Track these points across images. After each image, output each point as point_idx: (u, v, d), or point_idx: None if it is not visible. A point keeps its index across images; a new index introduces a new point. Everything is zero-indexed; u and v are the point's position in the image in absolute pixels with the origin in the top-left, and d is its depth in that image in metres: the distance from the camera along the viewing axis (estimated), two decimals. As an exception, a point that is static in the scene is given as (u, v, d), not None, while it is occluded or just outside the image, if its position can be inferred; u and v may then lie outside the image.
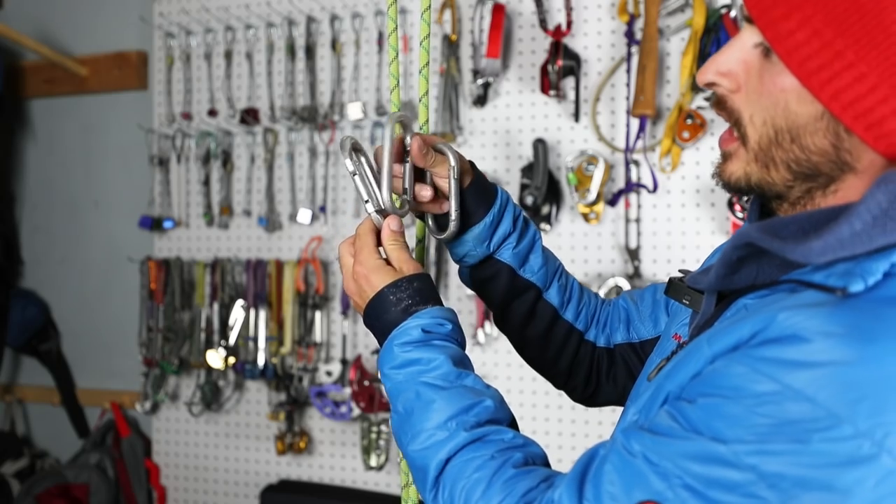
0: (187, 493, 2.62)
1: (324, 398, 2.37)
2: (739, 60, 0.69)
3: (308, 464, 2.47)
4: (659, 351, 0.88)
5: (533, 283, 1.01)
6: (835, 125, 0.65)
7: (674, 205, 2.06)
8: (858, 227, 0.59)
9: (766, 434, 0.58)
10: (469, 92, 2.23)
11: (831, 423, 0.56)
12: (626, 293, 1.10)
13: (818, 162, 0.67)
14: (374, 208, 0.90)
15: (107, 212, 2.82)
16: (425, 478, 0.77)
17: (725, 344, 0.64)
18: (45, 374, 2.88)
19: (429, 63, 0.96)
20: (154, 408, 2.61)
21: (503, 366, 2.18)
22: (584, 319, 1.06)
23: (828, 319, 0.59)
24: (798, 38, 0.63)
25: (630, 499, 0.63)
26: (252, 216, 2.51)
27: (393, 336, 0.83)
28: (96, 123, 2.83)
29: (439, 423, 0.77)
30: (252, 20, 2.49)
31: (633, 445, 0.65)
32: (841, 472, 0.55)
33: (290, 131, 2.45)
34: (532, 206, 2.11)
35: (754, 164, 0.70)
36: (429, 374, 0.81)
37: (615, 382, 1.07)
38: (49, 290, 2.92)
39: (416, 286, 0.86)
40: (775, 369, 0.58)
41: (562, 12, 2.13)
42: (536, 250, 1.01)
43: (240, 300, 2.44)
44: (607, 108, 2.13)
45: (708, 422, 0.61)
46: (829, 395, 0.56)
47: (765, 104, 0.68)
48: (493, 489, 0.71)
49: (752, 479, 0.58)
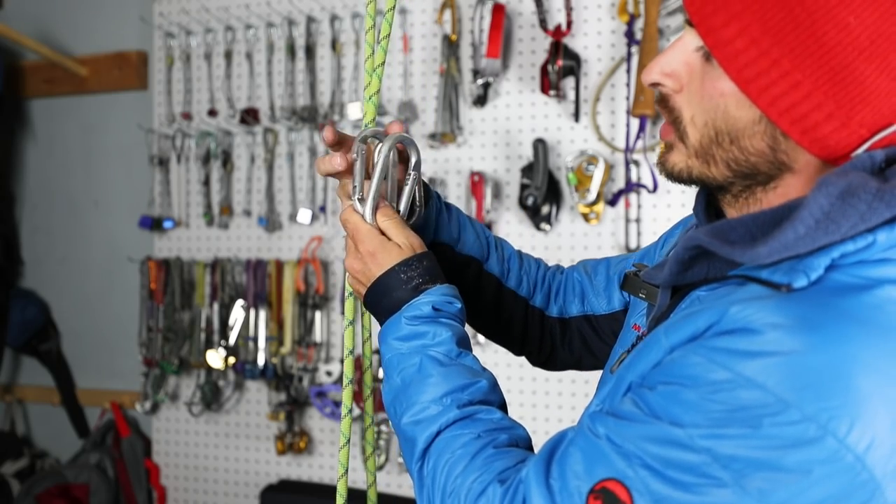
0: (187, 493, 2.62)
1: (324, 398, 2.37)
2: (682, 62, 0.72)
3: (308, 464, 2.47)
4: (621, 342, 0.92)
5: (472, 256, 1.03)
6: (772, 129, 0.68)
7: (674, 205, 2.06)
8: (802, 232, 0.63)
9: (720, 419, 0.61)
10: (469, 92, 2.23)
11: (780, 409, 0.60)
12: (581, 264, 1.12)
13: (756, 162, 0.71)
14: (358, 197, 0.91)
15: (107, 212, 2.82)
16: (413, 449, 0.80)
17: (682, 335, 0.67)
18: (45, 374, 2.88)
19: (384, 63, 0.96)
20: (154, 408, 2.61)
21: (503, 366, 2.18)
22: (526, 286, 1.08)
23: (775, 311, 0.63)
24: (737, 45, 0.66)
25: (593, 477, 0.66)
26: (252, 216, 2.51)
27: (403, 310, 0.85)
28: (96, 123, 2.83)
29: (435, 397, 0.80)
30: (252, 20, 2.49)
31: (598, 428, 0.69)
32: (788, 453, 0.60)
33: (290, 131, 2.45)
34: (532, 206, 2.11)
35: (695, 159, 0.74)
36: (433, 349, 0.83)
37: (570, 350, 1.10)
38: (49, 290, 2.92)
39: (426, 264, 0.88)
40: (728, 359, 0.62)
41: (562, 12, 2.13)
42: (465, 225, 1.04)
43: (240, 300, 2.44)
44: (607, 108, 2.13)
45: (667, 407, 0.64)
46: (777, 383, 0.60)
47: (706, 107, 0.71)
48: (473, 466, 0.75)
49: (706, 460, 0.62)
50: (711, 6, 0.67)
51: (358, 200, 0.91)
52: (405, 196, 0.93)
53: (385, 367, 0.86)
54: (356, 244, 0.90)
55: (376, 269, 0.88)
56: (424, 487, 0.78)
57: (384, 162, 0.89)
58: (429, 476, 0.78)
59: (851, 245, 0.64)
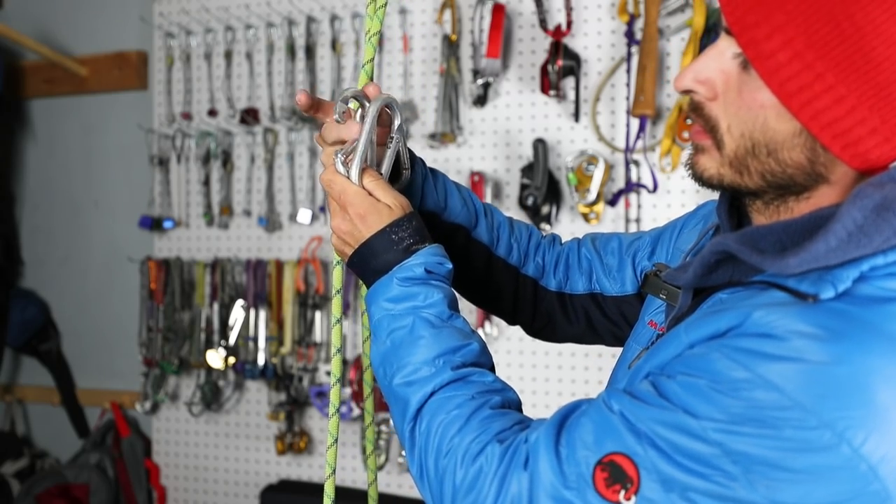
0: (187, 493, 2.62)
1: (324, 398, 2.37)
2: (718, 70, 0.71)
3: (308, 464, 2.47)
4: (636, 338, 0.91)
5: (459, 224, 1.02)
6: (811, 142, 0.68)
7: (674, 205, 2.06)
8: (833, 244, 0.63)
9: (735, 416, 0.62)
10: (469, 92, 2.23)
11: (798, 414, 0.60)
12: (589, 239, 1.10)
13: (793, 174, 0.70)
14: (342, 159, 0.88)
15: (107, 212, 2.82)
16: (405, 410, 0.79)
17: (702, 333, 0.68)
18: (45, 374, 2.88)
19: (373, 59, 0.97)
20: (154, 408, 2.61)
21: (503, 365, 2.18)
22: (517, 254, 1.06)
23: (800, 319, 0.63)
24: (780, 58, 0.65)
25: (602, 448, 0.67)
26: (252, 216, 2.51)
27: (395, 271, 0.84)
28: (96, 123, 2.83)
29: (427, 359, 0.80)
30: (252, 20, 2.49)
31: (612, 404, 0.69)
32: (801, 456, 0.60)
33: (290, 131, 2.45)
34: (532, 206, 2.11)
35: (728, 167, 0.73)
36: (424, 311, 0.82)
37: (571, 325, 1.08)
38: (49, 290, 2.92)
39: (416, 224, 0.86)
40: (750, 360, 0.63)
41: (562, 12, 2.13)
42: (451, 192, 1.02)
43: (240, 300, 2.44)
44: (607, 108, 2.13)
45: (683, 397, 0.65)
46: (796, 388, 0.61)
47: (743, 117, 0.70)
48: (470, 426, 0.75)
49: (717, 453, 0.62)
50: (753, 17, 0.66)
51: (342, 163, 0.88)
52: (387, 159, 0.91)
53: (373, 329, 0.85)
54: (344, 206, 0.87)
55: (366, 230, 0.86)
56: (416, 447, 0.78)
57: (371, 123, 0.87)
58: (422, 436, 0.77)
59: (882, 259, 0.64)
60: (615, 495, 0.65)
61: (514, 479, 0.70)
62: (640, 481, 0.64)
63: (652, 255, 1.03)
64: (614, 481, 0.65)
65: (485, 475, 0.71)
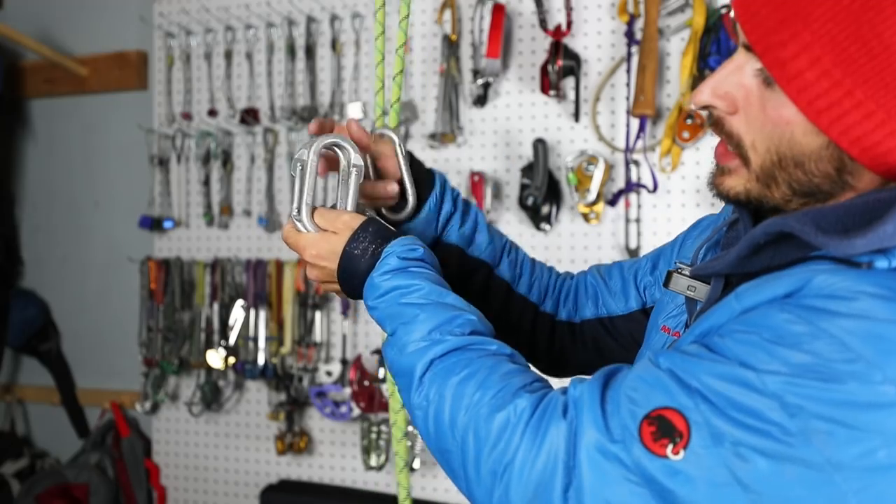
0: (187, 493, 2.62)
1: (324, 398, 2.37)
2: (738, 85, 0.71)
3: (308, 464, 2.47)
4: (649, 345, 0.91)
5: (483, 260, 1.03)
6: (839, 153, 0.68)
7: (674, 205, 2.06)
8: None
9: (796, 367, 0.61)
10: (469, 92, 2.23)
11: (862, 368, 0.59)
12: (594, 268, 1.12)
13: (819, 182, 0.71)
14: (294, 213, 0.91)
15: (107, 212, 2.82)
16: (411, 380, 0.79)
17: (759, 299, 0.67)
18: (45, 374, 2.88)
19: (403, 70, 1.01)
20: (154, 408, 2.61)
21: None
22: (537, 292, 1.08)
23: (865, 281, 0.63)
24: (808, 77, 0.66)
25: (651, 403, 0.65)
26: (252, 216, 2.51)
27: (372, 273, 0.86)
28: (96, 123, 2.83)
29: (423, 334, 0.80)
30: (252, 20, 2.49)
31: (661, 362, 0.67)
32: (863, 413, 0.59)
33: (290, 131, 2.45)
34: (532, 207, 2.11)
35: (755, 182, 0.73)
36: (411, 296, 0.83)
37: (580, 354, 1.09)
38: (49, 290, 2.92)
39: (372, 230, 0.88)
40: (816, 316, 0.62)
41: (562, 12, 2.13)
42: (481, 228, 1.04)
43: (240, 300, 2.44)
44: (607, 108, 2.13)
45: (740, 350, 0.63)
46: (862, 342, 0.60)
47: (768, 133, 0.70)
48: (491, 381, 0.73)
49: (773, 406, 0.60)
50: (778, 37, 0.66)
51: (295, 218, 0.91)
52: (350, 194, 0.93)
53: (380, 325, 0.86)
54: (304, 254, 0.91)
55: (330, 263, 0.89)
56: (431, 407, 0.76)
57: (311, 168, 0.90)
58: (436, 395, 0.75)
59: None
60: (662, 449, 0.63)
61: (553, 428, 0.67)
62: (690, 435, 0.62)
63: (654, 269, 1.04)
64: (662, 435, 0.63)
65: (513, 426, 0.69)
